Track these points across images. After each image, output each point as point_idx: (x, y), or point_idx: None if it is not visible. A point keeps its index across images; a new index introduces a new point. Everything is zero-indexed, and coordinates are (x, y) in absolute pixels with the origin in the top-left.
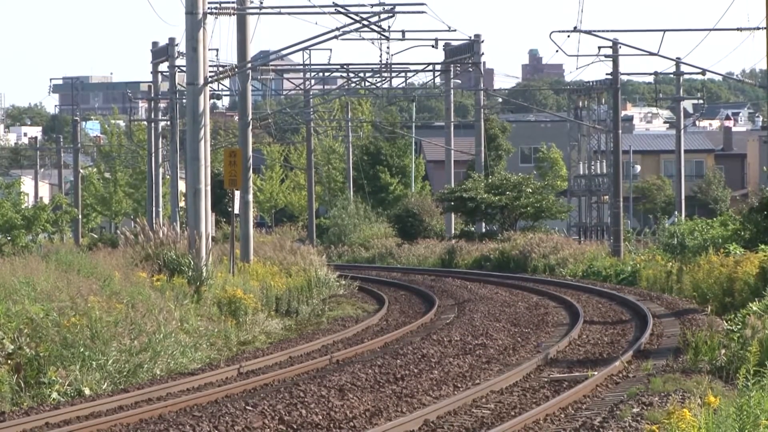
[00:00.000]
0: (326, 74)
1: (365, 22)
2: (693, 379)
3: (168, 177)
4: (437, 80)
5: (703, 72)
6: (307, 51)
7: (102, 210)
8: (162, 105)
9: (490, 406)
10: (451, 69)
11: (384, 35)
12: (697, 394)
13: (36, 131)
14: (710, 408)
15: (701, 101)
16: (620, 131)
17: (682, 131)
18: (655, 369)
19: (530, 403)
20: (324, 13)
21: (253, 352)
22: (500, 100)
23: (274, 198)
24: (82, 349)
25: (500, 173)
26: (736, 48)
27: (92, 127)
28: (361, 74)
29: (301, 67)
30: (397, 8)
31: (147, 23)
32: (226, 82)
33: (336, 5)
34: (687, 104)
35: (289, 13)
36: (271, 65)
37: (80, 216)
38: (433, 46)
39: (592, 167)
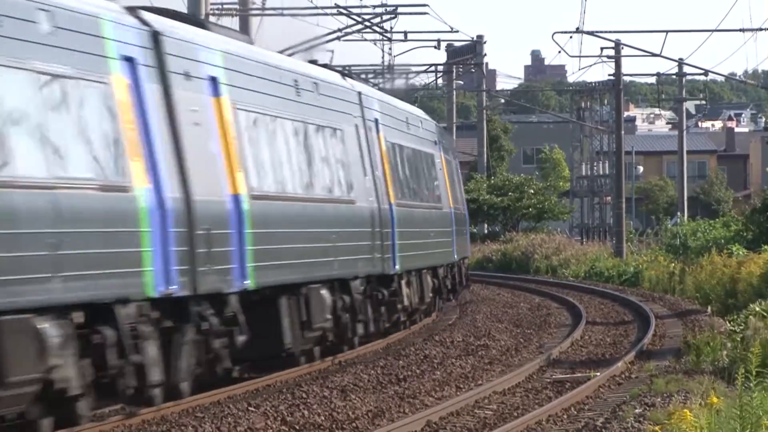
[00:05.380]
0: None
1: (367, 23)
2: (695, 379)
3: None
4: (439, 81)
5: (706, 73)
6: (310, 52)
7: None
8: None
9: (492, 407)
10: (454, 70)
11: (386, 36)
12: (698, 395)
13: None
14: (713, 408)
15: (704, 102)
16: (623, 132)
17: (685, 132)
18: (658, 370)
19: (533, 403)
20: (326, 14)
21: None
22: (502, 100)
23: None
24: None
25: (502, 174)
26: (739, 49)
27: None
28: (364, 75)
29: None
30: (399, 9)
31: None
32: None
33: (338, 6)
34: (689, 105)
35: (291, 15)
36: None
37: None
38: (435, 47)
39: (595, 168)
